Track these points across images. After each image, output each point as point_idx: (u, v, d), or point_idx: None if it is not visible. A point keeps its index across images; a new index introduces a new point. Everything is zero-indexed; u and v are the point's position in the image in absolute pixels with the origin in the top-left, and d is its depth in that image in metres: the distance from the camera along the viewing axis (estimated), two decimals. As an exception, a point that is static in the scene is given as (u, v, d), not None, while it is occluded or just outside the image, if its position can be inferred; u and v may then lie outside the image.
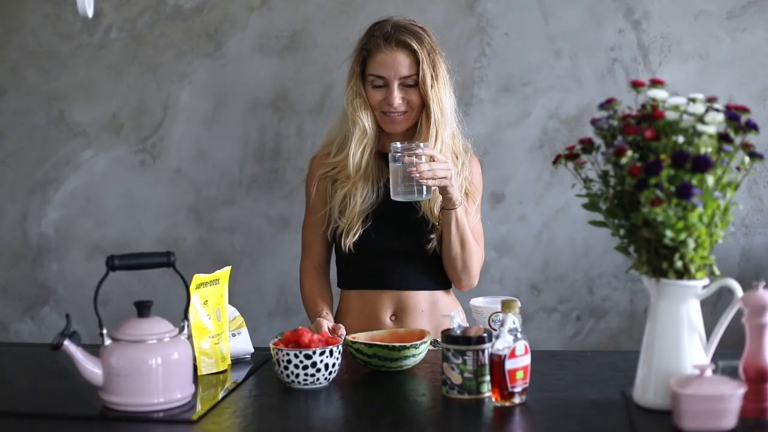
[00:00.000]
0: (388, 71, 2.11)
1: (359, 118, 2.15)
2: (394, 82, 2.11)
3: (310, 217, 2.26)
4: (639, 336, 1.61)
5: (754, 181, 2.66)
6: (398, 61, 2.11)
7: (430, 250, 2.17)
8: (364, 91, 2.15)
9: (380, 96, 2.13)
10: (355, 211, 2.15)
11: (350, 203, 2.16)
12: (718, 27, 2.65)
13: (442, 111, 2.13)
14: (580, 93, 2.69)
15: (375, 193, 2.18)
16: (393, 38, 2.12)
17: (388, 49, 2.11)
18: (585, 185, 1.58)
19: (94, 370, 1.59)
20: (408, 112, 2.14)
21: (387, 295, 2.18)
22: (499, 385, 1.58)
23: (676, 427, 1.44)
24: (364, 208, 2.16)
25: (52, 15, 2.81)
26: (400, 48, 2.11)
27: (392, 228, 2.17)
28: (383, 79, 2.12)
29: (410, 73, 2.11)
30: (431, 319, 2.19)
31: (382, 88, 2.13)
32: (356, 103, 2.15)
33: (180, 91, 2.79)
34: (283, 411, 1.63)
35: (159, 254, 1.65)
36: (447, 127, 2.15)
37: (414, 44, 2.11)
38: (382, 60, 2.12)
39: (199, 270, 1.85)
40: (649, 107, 1.53)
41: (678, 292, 1.51)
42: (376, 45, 2.13)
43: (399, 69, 2.11)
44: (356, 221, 2.15)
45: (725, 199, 1.48)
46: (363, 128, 2.15)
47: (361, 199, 2.16)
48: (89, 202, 2.84)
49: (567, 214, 2.72)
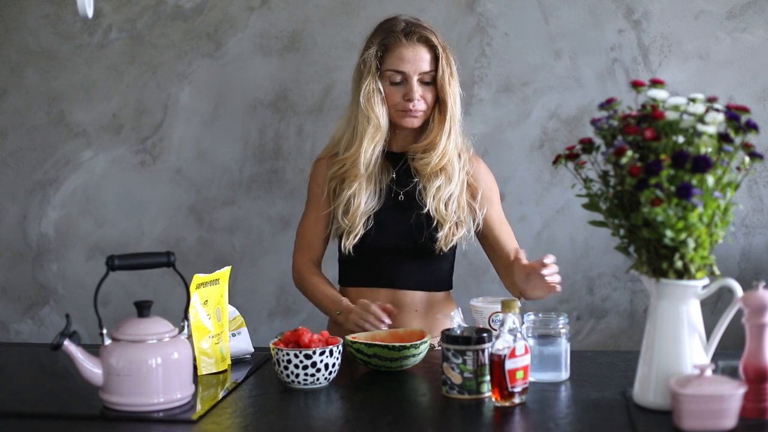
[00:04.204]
0: (409, 66, 2.11)
1: (375, 115, 2.13)
2: (413, 78, 2.11)
3: (313, 215, 2.25)
4: (639, 336, 1.61)
5: (754, 181, 2.66)
6: (419, 56, 2.11)
7: (437, 249, 2.17)
8: (383, 88, 2.14)
9: (398, 92, 2.13)
10: (358, 212, 2.15)
11: (354, 204, 2.15)
12: (718, 27, 2.65)
13: (457, 108, 2.16)
14: (580, 93, 2.69)
15: (377, 194, 2.18)
16: (415, 33, 2.12)
17: (410, 43, 2.11)
18: (585, 185, 1.58)
19: (94, 370, 1.58)
20: (424, 110, 2.15)
21: (383, 294, 2.18)
22: (499, 385, 1.58)
23: (676, 427, 1.44)
24: (367, 209, 2.16)
25: (52, 15, 2.81)
26: (422, 43, 2.12)
27: (393, 228, 2.17)
28: (402, 74, 2.12)
29: (430, 69, 2.12)
30: (425, 319, 2.19)
31: (399, 85, 2.13)
32: (374, 99, 2.13)
33: (180, 91, 2.79)
34: (283, 411, 1.63)
35: (159, 254, 1.65)
36: (457, 125, 2.18)
37: (434, 40, 2.13)
38: (403, 55, 2.11)
39: (199, 270, 1.85)
40: (649, 107, 1.53)
41: (678, 292, 1.51)
42: (397, 40, 2.12)
43: (420, 64, 2.11)
44: (358, 223, 2.14)
45: (725, 199, 1.48)
46: (377, 125, 2.13)
47: (365, 200, 2.15)
48: (89, 202, 2.84)
49: (567, 214, 2.72)
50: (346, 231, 2.16)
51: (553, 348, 1.74)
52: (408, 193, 2.19)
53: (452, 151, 2.16)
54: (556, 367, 1.74)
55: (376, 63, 2.13)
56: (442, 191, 2.15)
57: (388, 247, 2.16)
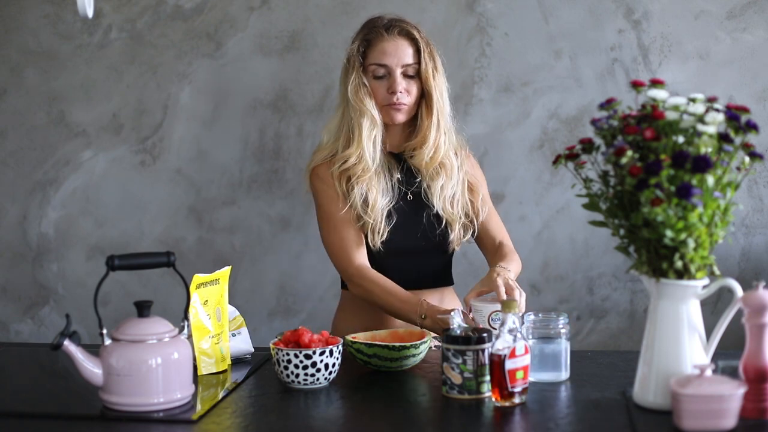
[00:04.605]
0: (391, 59, 2.13)
1: (366, 108, 2.13)
2: (396, 70, 2.13)
3: (338, 217, 2.13)
4: (639, 336, 1.61)
5: (754, 181, 2.66)
6: (401, 49, 2.13)
7: (450, 248, 2.18)
8: (367, 83, 2.15)
9: (383, 86, 2.14)
10: (377, 206, 2.12)
11: (371, 198, 2.12)
12: (718, 27, 2.65)
13: (444, 101, 2.16)
14: (580, 93, 2.69)
15: (390, 191, 2.16)
16: (395, 27, 2.15)
17: (391, 37, 2.13)
18: (585, 185, 1.58)
19: (94, 370, 1.58)
20: (409, 104, 2.15)
21: None
22: (499, 385, 1.58)
23: (676, 427, 1.43)
24: (384, 204, 2.14)
25: (52, 15, 2.81)
26: (402, 36, 2.14)
27: (410, 228, 2.16)
28: (385, 67, 2.13)
29: (412, 61, 2.13)
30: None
31: (383, 79, 2.14)
32: (361, 93, 2.13)
33: (180, 91, 2.79)
34: (283, 411, 1.63)
35: (159, 254, 1.65)
36: (447, 119, 2.18)
37: (415, 33, 2.15)
38: (385, 48, 2.13)
39: (199, 270, 1.85)
40: (649, 107, 1.53)
41: (678, 292, 1.51)
42: (378, 34, 2.14)
43: (402, 57, 2.13)
44: (381, 218, 2.12)
45: (725, 199, 1.48)
46: (371, 117, 2.13)
47: (380, 195, 2.13)
48: (89, 202, 2.84)
49: (567, 214, 2.72)
50: (370, 228, 2.12)
51: (553, 348, 1.74)
52: (415, 192, 2.19)
53: (445, 145, 2.17)
54: (556, 367, 1.74)
55: (359, 59, 2.15)
56: (446, 190, 2.16)
57: (408, 247, 2.16)
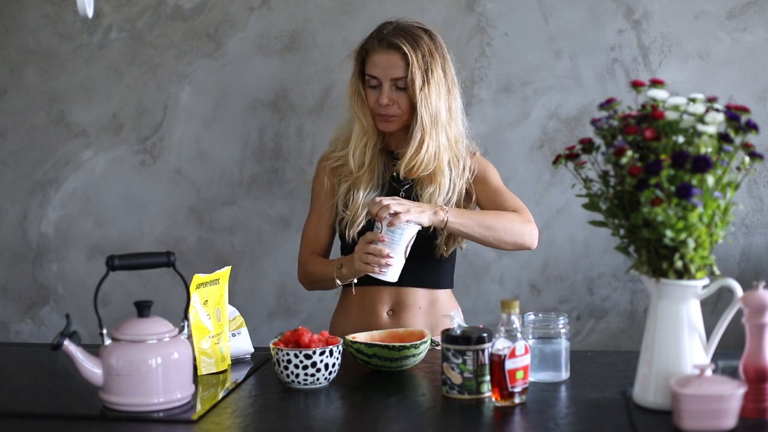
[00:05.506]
0: (381, 72, 2.14)
1: (358, 116, 2.18)
2: (385, 83, 2.14)
3: (316, 212, 2.28)
4: (639, 336, 1.61)
5: (754, 181, 2.66)
6: (391, 63, 2.13)
7: (437, 254, 2.18)
8: (363, 90, 2.18)
9: (374, 96, 2.16)
10: (359, 203, 2.18)
11: (353, 197, 2.19)
12: (718, 27, 2.65)
13: (433, 116, 2.12)
14: (580, 93, 2.69)
15: (380, 188, 2.20)
16: (386, 40, 2.13)
17: (381, 50, 2.14)
18: (585, 185, 1.58)
19: (94, 370, 1.58)
20: (398, 115, 2.15)
21: (386, 291, 2.19)
22: (499, 385, 1.58)
23: (676, 427, 1.44)
24: (368, 201, 2.17)
25: (52, 15, 2.80)
26: (392, 50, 2.13)
27: None
28: (377, 79, 2.15)
29: (402, 75, 2.12)
30: (428, 317, 2.20)
31: (376, 89, 2.16)
32: (355, 100, 2.19)
33: (180, 91, 2.79)
34: (283, 411, 1.63)
35: (159, 254, 1.65)
36: (441, 133, 2.14)
37: (405, 47, 2.11)
38: (376, 61, 2.14)
39: (199, 270, 1.85)
40: (649, 107, 1.53)
41: (678, 292, 1.51)
42: (372, 45, 2.16)
43: (391, 70, 2.13)
44: (360, 212, 2.17)
45: (725, 199, 1.48)
46: (362, 125, 2.18)
47: (364, 193, 2.18)
48: (89, 202, 2.84)
49: (567, 214, 2.72)
50: (349, 221, 2.18)
51: (553, 348, 1.74)
52: (408, 191, 2.20)
53: (428, 159, 2.13)
54: (556, 367, 1.74)
55: (359, 66, 2.19)
56: (435, 198, 2.15)
57: None
